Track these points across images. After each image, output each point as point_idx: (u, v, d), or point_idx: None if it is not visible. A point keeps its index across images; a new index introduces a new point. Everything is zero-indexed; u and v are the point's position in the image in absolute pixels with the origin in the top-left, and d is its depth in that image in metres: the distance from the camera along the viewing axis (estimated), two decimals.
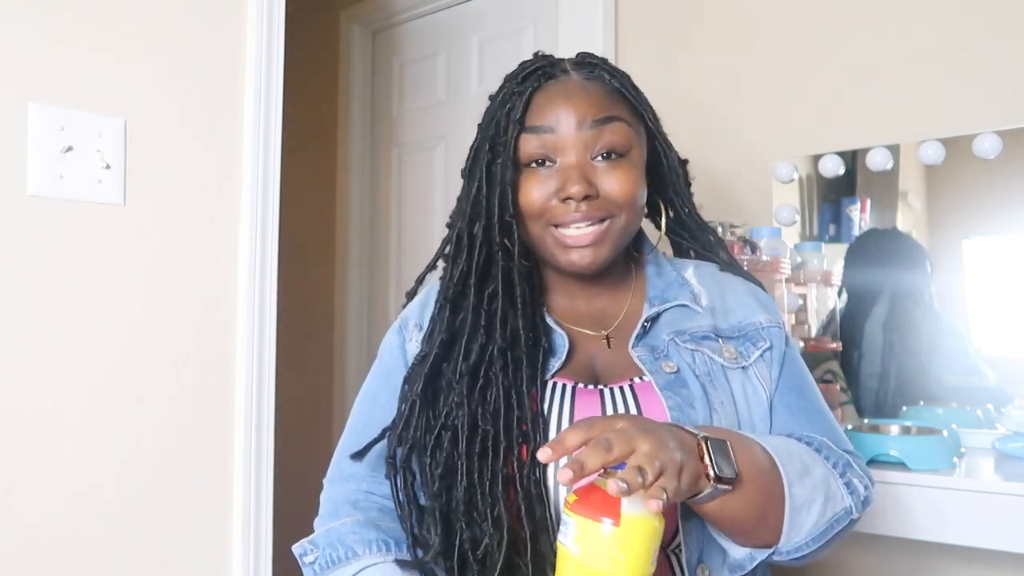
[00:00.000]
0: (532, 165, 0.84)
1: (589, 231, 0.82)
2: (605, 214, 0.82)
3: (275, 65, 1.33)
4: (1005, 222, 1.52)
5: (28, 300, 1.07)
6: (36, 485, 1.07)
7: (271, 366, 1.32)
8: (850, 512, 0.77)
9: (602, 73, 0.87)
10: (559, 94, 0.84)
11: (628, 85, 0.88)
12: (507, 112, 0.84)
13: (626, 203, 0.83)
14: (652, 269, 0.94)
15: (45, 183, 1.08)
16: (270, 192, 1.32)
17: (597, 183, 0.82)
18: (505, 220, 0.84)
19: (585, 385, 0.84)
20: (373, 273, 2.61)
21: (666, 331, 0.87)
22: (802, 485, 0.73)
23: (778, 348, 0.88)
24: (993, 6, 1.51)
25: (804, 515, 0.73)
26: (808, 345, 1.62)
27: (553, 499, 0.77)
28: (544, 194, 0.83)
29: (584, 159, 0.82)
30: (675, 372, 0.82)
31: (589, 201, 0.81)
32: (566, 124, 0.82)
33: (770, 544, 0.74)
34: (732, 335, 0.87)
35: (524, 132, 0.83)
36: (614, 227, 0.83)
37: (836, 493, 0.77)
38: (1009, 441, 1.35)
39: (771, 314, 0.91)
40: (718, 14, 1.84)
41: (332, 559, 0.82)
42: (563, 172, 0.82)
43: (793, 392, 0.87)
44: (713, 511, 0.70)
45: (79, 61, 1.11)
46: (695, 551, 0.78)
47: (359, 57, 2.63)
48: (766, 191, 1.74)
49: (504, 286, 0.84)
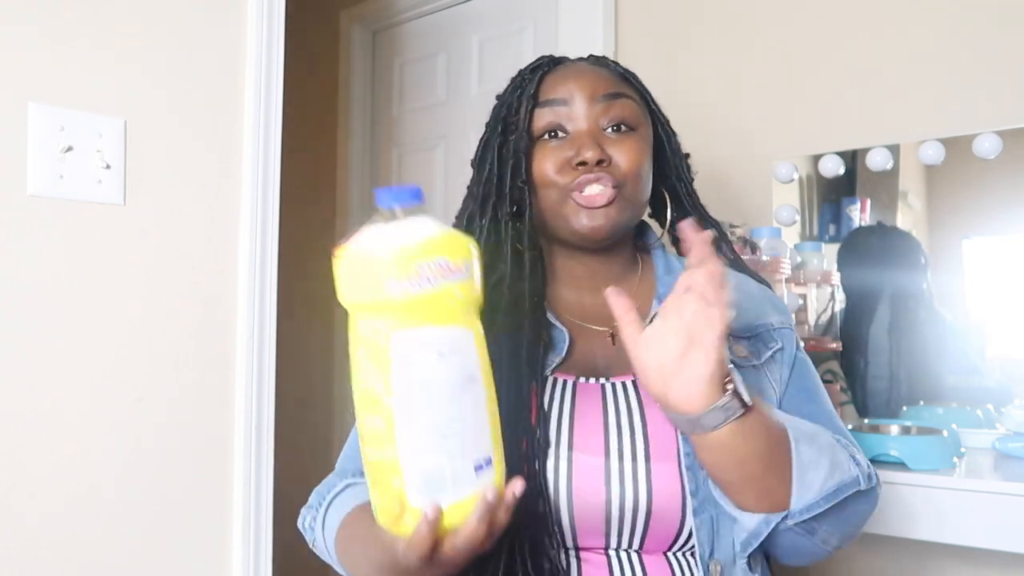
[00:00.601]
0: (545, 137, 0.87)
1: (602, 192, 0.83)
2: (616, 181, 0.84)
3: (275, 65, 1.33)
4: (1005, 222, 1.52)
5: (28, 300, 1.07)
6: (36, 485, 1.07)
7: (271, 366, 1.32)
8: (858, 481, 0.76)
9: (608, 62, 0.93)
10: (570, 72, 0.89)
11: (632, 74, 0.93)
12: (520, 92, 0.88)
13: (634, 174, 0.85)
14: (661, 265, 0.94)
15: (45, 183, 1.08)
16: (270, 192, 1.32)
17: (608, 152, 0.84)
18: (518, 186, 0.85)
19: (587, 379, 0.84)
20: None
21: None
22: (809, 445, 0.73)
23: (789, 350, 0.89)
24: (993, 6, 1.51)
25: (812, 473, 0.73)
26: (808, 345, 1.62)
27: (552, 494, 0.77)
28: (558, 162, 0.85)
29: (596, 128, 0.85)
30: None
31: (602, 167, 0.83)
32: (579, 97, 0.86)
33: (781, 503, 0.73)
34: (744, 334, 0.88)
35: (537, 107, 0.87)
36: (624, 194, 0.85)
37: (843, 462, 0.76)
38: (1009, 441, 1.35)
39: (783, 315, 0.91)
40: (718, 14, 1.84)
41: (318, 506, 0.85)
42: (576, 139, 0.85)
43: (802, 395, 0.88)
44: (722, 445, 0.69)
45: (79, 61, 1.11)
46: (707, 546, 0.77)
47: (359, 57, 2.63)
48: (766, 191, 1.74)
49: (512, 275, 0.85)
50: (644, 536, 0.78)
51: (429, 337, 0.59)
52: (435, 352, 0.59)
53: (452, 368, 0.60)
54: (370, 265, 0.59)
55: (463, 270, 0.60)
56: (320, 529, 0.84)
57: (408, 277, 0.57)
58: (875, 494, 0.82)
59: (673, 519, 0.78)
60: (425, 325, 0.59)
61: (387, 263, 0.58)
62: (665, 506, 0.77)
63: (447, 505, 0.60)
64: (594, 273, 0.91)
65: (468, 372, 0.61)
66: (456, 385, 0.60)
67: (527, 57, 2.18)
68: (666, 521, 0.78)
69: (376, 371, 0.60)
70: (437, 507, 0.59)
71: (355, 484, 0.85)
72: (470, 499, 0.60)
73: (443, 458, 0.60)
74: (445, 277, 0.59)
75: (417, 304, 0.58)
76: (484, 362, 0.63)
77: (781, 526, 0.74)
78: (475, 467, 0.61)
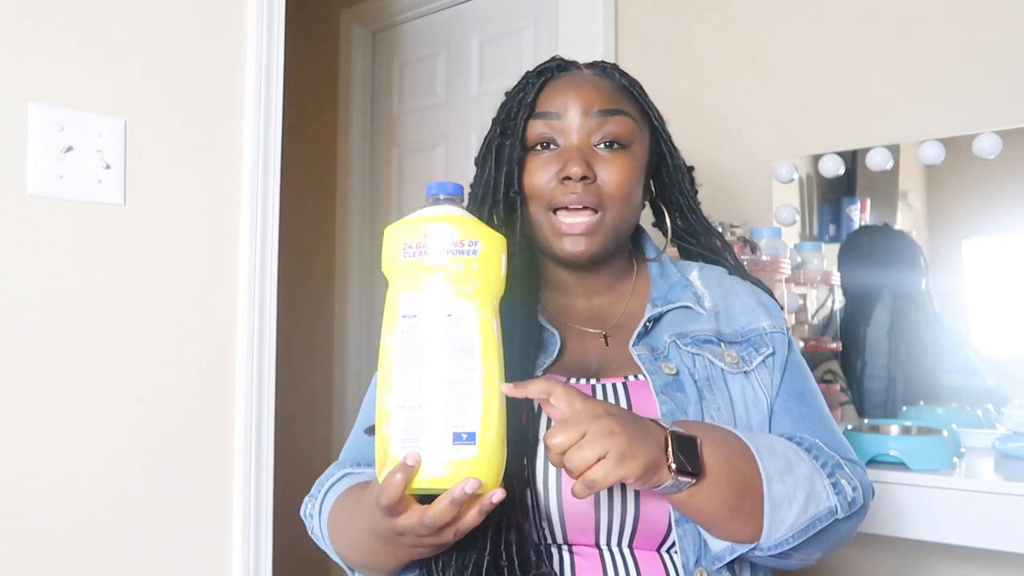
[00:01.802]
0: (537, 148, 0.87)
1: (583, 220, 0.84)
2: (598, 203, 0.84)
3: (275, 65, 1.33)
4: (1005, 222, 1.52)
5: (28, 300, 1.07)
6: (35, 485, 1.07)
7: (271, 366, 1.32)
8: (834, 512, 0.77)
9: (613, 72, 0.91)
10: (569, 84, 0.88)
11: (637, 86, 0.92)
12: (519, 98, 0.88)
13: (619, 195, 0.85)
14: (656, 270, 0.94)
15: (45, 183, 1.08)
16: (270, 192, 1.32)
17: (595, 169, 0.84)
18: (510, 196, 0.86)
19: (577, 379, 0.84)
20: (373, 273, 2.61)
21: (668, 332, 0.87)
22: (783, 481, 0.74)
23: (780, 354, 0.88)
24: (993, 6, 1.52)
25: (784, 511, 0.74)
26: (808, 345, 1.62)
27: (541, 492, 0.78)
28: (546, 175, 0.85)
29: (586, 144, 0.85)
30: (674, 374, 0.83)
31: (586, 184, 0.83)
32: (573, 111, 0.86)
33: (750, 539, 0.74)
34: (735, 340, 0.88)
35: (533, 117, 0.87)
36: (605, 220, 0.85)
37: (821, 492, 0.77)
38: (1009, 441, 1.35)
39: (775, 319, 0.91)
40: (718, 14, 1.84)
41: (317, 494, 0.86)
42: (564, 153, 0.85)
43: (794, 398, 0.87)
44: (679, 501, 0.73)
45: (79, 61, 1.11)
46: (691, 554, 0.78)
47: (359, 57, 2.63)
48: (766, 191, 1.74)
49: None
50: (633, 535, 0.79)
51: (430, 301, 0.67)
52: (433, 316, 0.67)
53: (447, 335, 0.66)
54: (392, 234, 0.69)
55: (470, 250, 0.67)
56: (317, 515, 0.86)
57: (418, 244, 0.67)
58: (861, 513, 0.81)
59: (660, 522, 0.78)
60: (427, 291, 0.67)
61: (403, 231, 0.68)
62: (652, 509, 0.78)
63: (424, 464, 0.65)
64: (585, 282, 0.92)
65: (463, 344, 0.67)
66: (449, 352, 0.66)
67: (527, 57, 2.20)
68: (654, 523, 0.78)
69: (387, 327, 0.69)
70: (415, 456, 0.64)
71: (353, 473, 0.86)
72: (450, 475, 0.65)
73: (423, 414, 0.65)
74: (451, 251, 0.67)
75: (422, 269, 0.67)
76: (487, 343, 0.68)
77: (749, 555, 0.76)
78: (454, 434, 0.65)
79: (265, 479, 1.29)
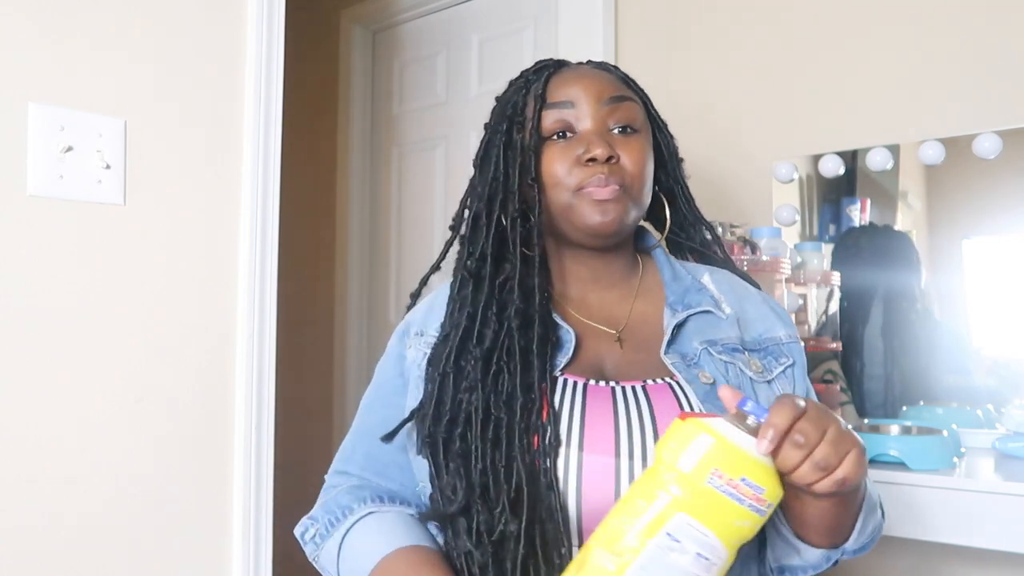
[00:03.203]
0: (554, 137, 0.87)
1: (615, 188, 0.84)
2: (622, 182, 0.85)
3: (275, 65, 1.33)
4: (1005, 222, 1.52)
5: (28, 300, 1.07)
6: (35, 485, 1.07)
7: (271, 366, 1.32)
8: (880, 507, 0.81)
9: (609, 66, 0.94)
10: (576, 75, 0.89)
11: (632, 80, 0.94)
12: (526, 92, 0.89)
13: (640, 175, 0.86)
14: (667, 273, 0.93)
15: (45, 183, 1.08)
16: (270, 192, 1.32)
17: (617, 151, 0.85)
18: (528, 184, 0.86)
19: (596, 382, 0.84)
20: (373, 273, 2.61)
21: (696, 339, 0.86)
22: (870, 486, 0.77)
23: (799, 364, 0.89)
24: (993, 6, 1.52)
25: (871, 516, 0.76)
26: (808, 345, 1.62)
27: (563, 490, 0.77)
28: (567, 161, 0.85)
29: (604, 128, 0.86)
30: (711, 383, 0.82)
31: (611, 164, 0.84)
32: (585, 99, 0.87)
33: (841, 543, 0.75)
34: (755, 348, 0.88)
35: (545, 108, 0.87)
36: (630, 196, 0.86)
37: (875, 498, 0.80)
38: (1009, 441, 1.35)
39: (789, 328, 0.92)
40: (717, 14, 1.84)
41: (329, 524, 0.84)
42: (585, 137, 0.86)
43: None
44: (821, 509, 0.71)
45: (79, 61, 1.12)
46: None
47: (359, 57, 2.63)
48: (766, 191, 1.74)
49: (520, 273, 0.85)
50: None
51: (700, 534, 0.63)
52: (694, 549, 0.63)
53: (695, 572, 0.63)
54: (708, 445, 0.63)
55: (762, 511, 0.63)
56: (335, 555, 0.84)
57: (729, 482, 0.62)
58: None
59: None
60: (706, 524, 0.63)
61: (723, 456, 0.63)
62: None
63: None
64: (598, 274, 0.92)
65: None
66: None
67: (527, 57, 2.20)
68: None
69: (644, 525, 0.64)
70: None
71: (378, 512, 0.84)
72: None
73: None
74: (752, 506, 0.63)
75: (720, 506, 0.62)
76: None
77: None
78: None
79: (265, 479, 1.29)
